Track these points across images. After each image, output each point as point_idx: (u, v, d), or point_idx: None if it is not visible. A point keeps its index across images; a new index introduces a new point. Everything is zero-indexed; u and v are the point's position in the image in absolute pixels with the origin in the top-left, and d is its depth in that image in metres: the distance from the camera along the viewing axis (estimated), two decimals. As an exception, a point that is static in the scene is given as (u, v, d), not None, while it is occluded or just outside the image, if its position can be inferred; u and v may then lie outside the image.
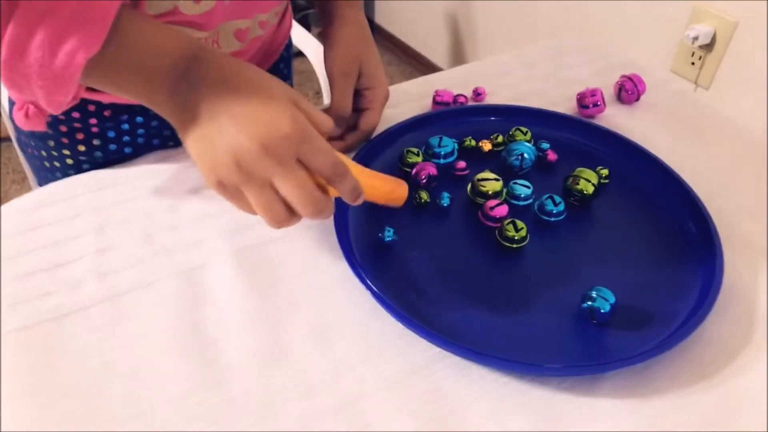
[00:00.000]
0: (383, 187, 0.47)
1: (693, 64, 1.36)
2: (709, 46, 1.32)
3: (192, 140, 0.40)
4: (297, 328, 0.45)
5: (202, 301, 0.47)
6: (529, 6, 1.76)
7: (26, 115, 0.52)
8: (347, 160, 0.45)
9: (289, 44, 0.76)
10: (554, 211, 0.53)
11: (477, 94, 0.69)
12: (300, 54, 1.16)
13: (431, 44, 2.28)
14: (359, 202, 0.44)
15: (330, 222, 0.51)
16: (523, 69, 0.76)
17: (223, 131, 0.38)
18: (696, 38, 1.30)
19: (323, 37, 0.62)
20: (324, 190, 0.42)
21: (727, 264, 0.48)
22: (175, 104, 0.41)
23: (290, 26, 0.73)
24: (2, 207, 0.53)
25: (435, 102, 0.67)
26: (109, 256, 0.50)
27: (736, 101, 1.32)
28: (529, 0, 1.75)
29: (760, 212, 0.56)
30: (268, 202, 0.40)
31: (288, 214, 0.41)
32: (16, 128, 0.64)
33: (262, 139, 0.37)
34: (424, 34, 2.31)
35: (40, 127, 0.52)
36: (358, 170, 0.45)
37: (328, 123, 0.43)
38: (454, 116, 0.64)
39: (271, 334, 0.45)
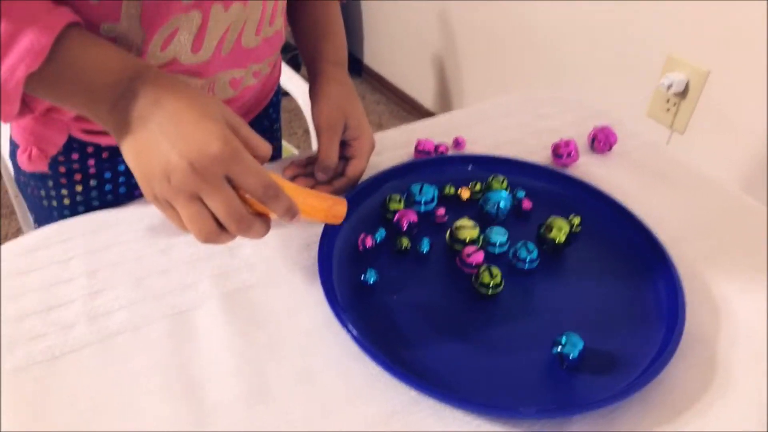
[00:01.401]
0: (321, 205, 0.49)
1: (668, 110, 1.42)
2: (683, 94, 1.37)
3: (129, 154, 0.43)
4: (281, 370, 0.47)
5: (190, 343, 0.49)
6: (511, 53, 1.82)
7: (29, 157, 0.54)
8: (282, 181, 0.46)
9: (278, 89, 0.79)
10: (528, 259, 0.56)
11: (457, 143, 0.72)
12: (288, 93, 1.20)
13: (418, 85, 2.34)
14: (295, 221, 0.46)
15: (314, 266, 0.54)
16: (501, 118, 0.80)
17: (156, 147, 0.41)
18: (670, 86, 1.35)
19: (311, 94, 0.65)
20: (259, 210, 0.44)
21: (689, 310, 0.51)
22: (115, 119, 0.44)
23: (279, 75, 0.77)
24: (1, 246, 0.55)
25: (417, 150, 0.71)
26: (101, 299, 0.51)
27: (709, 145, 1.37)
28: (511, 48, 1.81)
29: (722, 260, 0.59)
30: (194, 216, 0.42)
31: (217, 230, 0.43)
32: (17, 169, 0.66)
33: (190, 158, 0.40)
34: (411, 75, 2.37)
35: (42, 168, 0.55)
36: (293, 190, 0.47)
37: (264, 149, 0.45)
38: (434, 165, 0.68)
39: (256, 376, 0.46)
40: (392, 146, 0.72)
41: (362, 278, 0.53)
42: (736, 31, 1.24)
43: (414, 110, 2.39)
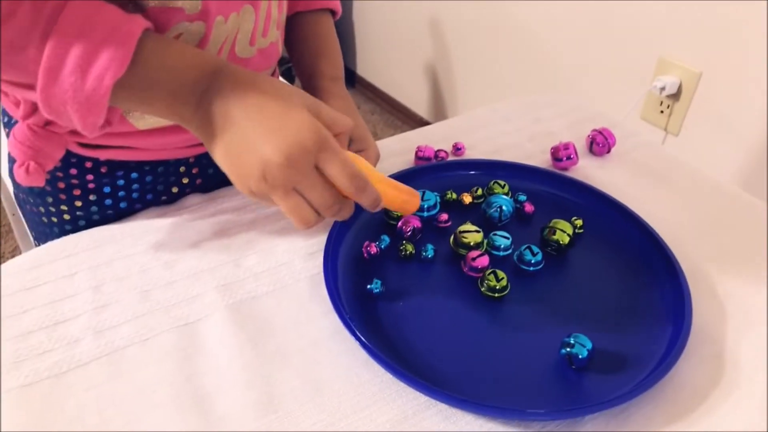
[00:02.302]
0: (398, 197, 0.51)
1: (662, 112, 1.43)
2: (676, 96, 1.39)
3: (220, 154, 0.44)
4: (290, 380, 0.47)
5: (197, 355, 0.48)
6: (504, 59, 1.83)
7: (27, 171, 0.54)
8: (367, 168, 0.48)
9: None
10: (533, 261, 0.56)
11: (457, 148, 0.73)
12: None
13: (412, 93, 2.35)
14: (377, 209, 0.48)
15: (320, 275, 0.54)
16: (499, 123, 0.80)
17: (247, 146, 0.42)
18: (663, 88, 1.37)
19: None
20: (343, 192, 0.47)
21: (695, 308, 0.51)
22: (201, 119, 0.45)
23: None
24: (2, 266, 0.55)
25: (417, 157, 0.71)
26: (107, 313, 0.51)
27: (704, 146, 1.38)
28: (503, 53, 1.82)
29: (724, 258, 0.59)
30: (293, 207, 0.44)
31: (314, 215, 0.45)
32: (16, 185, 0.66)
33: (285, 152, 0.41)
34: (404, 84, 2.38)
35: (39, 182, 0.55)
36: (376, 177, 0.49)
37: (344, 122, 0.46)
38: (435, 171, 0.68)
39: (264, 387, 0.46)
40: (392, 154, 0.73)
41: (368, 287, 0.53)
42: (728, 33, 1.25)
43: (408, 119, 2.40)
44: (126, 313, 0.51)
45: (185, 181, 0.68)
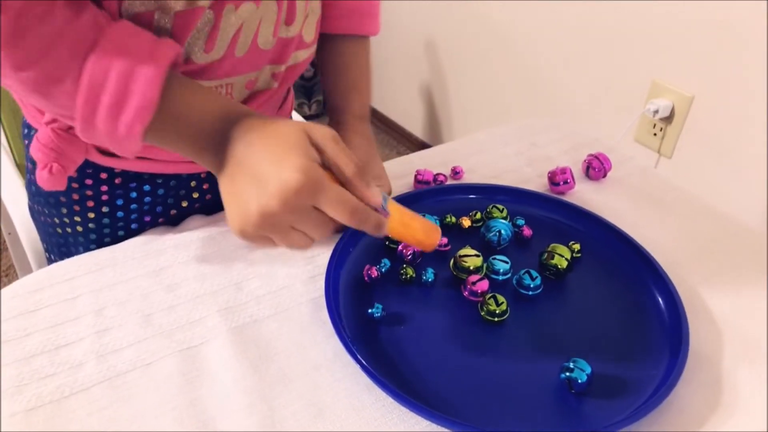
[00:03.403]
0: (418, 234, 0.51)
1: (655, 134, 1.45)
2: (668, 119, 1.41)
3: (225, 194, 0.47)
4: (291, 404, 0.47)
5: (200, 379, 0.49)
6: (499, 81, 1.86)
7: (50, 171, 0.55)
8: (393, 207, 0.50)
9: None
10: (532, 285, 0.57)
11: (455, 172, 0.74)
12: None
13: (407, 114, 2.38)
14: (381, 235, 0.49)
15: (321, 298, 0.54)
16: (497, 147, 0.81)
17: (249, 190, 0.44)
18: (656, 111, 1.39)
19: None
20: None
21: (692, 332, 0.52)
22: (218, 162, 0.48)
23: (290, 111, 0.78)
24: (3, 290, 0.55)
25: (417, 181, 0.72)
26: (109, 336, 0.51)
27: (696, 169, 1.40)
28: (498, 75, 1.85)
29: (720, 282, 0.60)
30: (290, 242, 0.46)
31: (310, 243, 0.47)
32: (32, 197, 0.67)
33: (281, 197, 0.42)
34: (400, 105, 2.40)
35: (61, 186, 0.56)
36: (399, 212, 0.50)
37: (348, 168, 0.46)
38: (435, 194, 0.69)
39: (266, 410, 0.46)
40: (392, 177, 0.73)
41: (369, 311, 0.54)
42: (720, 57, 1.27)
43: (404, 138, 2.42)
44: (128, 338, 0.52)
45: (195, 195, 0.68)
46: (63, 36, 0.43)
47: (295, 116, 1.20)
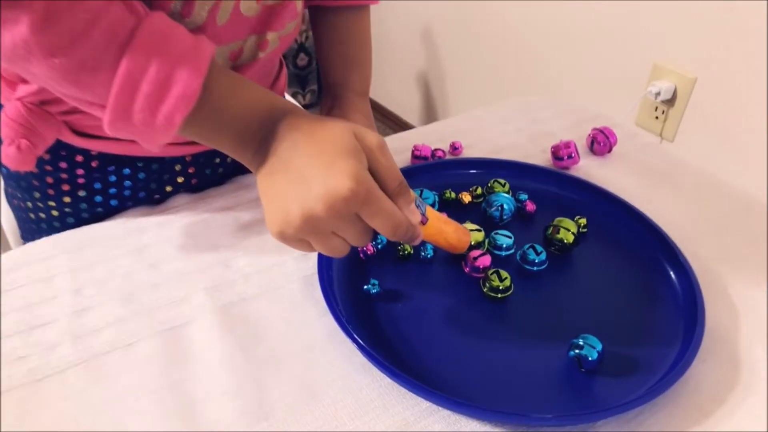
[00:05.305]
0: (451, 239, 0.50)
1: (657, 118, 1.42)
2: (671, 101, 1.38)
3: (265, 194, 0.44)
4: (283, 387, 0.44)
5: (183, 360, 0.45)
6: (498, 67, 1.82)
7: (18, 148, 0.52)
8: (430, 213, 0.48)
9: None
10: (536, 261, 0.54)
11: (454, 148, 0.71)
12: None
13: (404, 103, 2.34)
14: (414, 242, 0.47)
15: (314, 276, 0.51)
16: (497, 124, 0.78)
17: (293, 193, 0.41)
18: (658, 94, 1.35)
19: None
20: None
21: (707, 309, 0.49)
22: (259, 161, 0.44)
23: (284, 88, 0.74)
24: (-25, 269, 0.52)
25: (414, 156, 0.69)
26: (87, 317, 0.48)
27: (700, 153, 1.37)
28: (497, 59, 1.82)
29: (732, 257, 0.57)
30: (328, 248, 0.43)
31: (348, 249, 0.44)
32: (5, 179, 0.63)
33: (327, 202, 0.39)
34: (396, 94, 2.37)
35: (30, 165, 0.52)
36: (436, 219, 0.49)
37: (392, 181, 0.43)
38: (433, 169, 0.65)
39: (255, 394, 0.43)
40: (388, 153, 0.70)
41: (365, 287, 0.50)
42: (723, 38, 1.24)
43: (399, 128, 2.38)
44: (107, 318, 0.48)
45: (180, 180, 0.65)
46: (98, 21, 0.39)
47: (289, 98, 1.17)
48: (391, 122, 2.43)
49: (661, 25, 1.34)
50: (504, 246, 0.55)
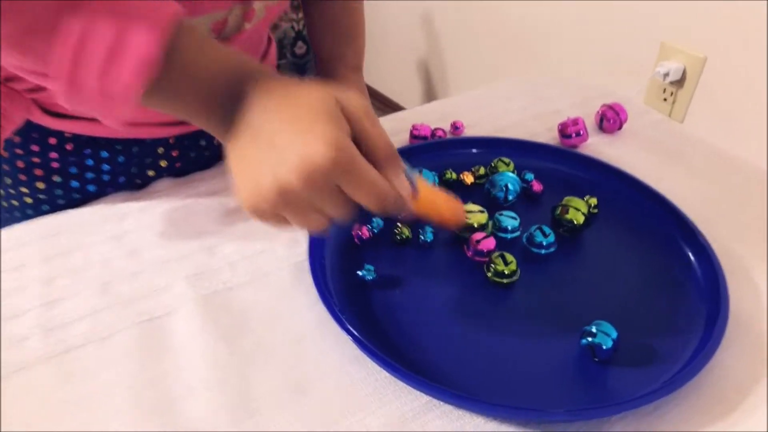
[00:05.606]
0: (444, 212, 0.46)
1: (665, 100, 1.37)
2: (680, 82, 1.33)
3: (234, 165, 0.39)
4: (270, 381, 0.40)
5: (163, 353, 0.42)
6: (501, 51, 1.78)
7: None
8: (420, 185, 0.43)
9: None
10: (544, 243, 0.50)
11: (455, 127, 0.67)
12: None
13: (404, 91, 2.30)
14: (403, 215, 0.42)
15: (305, 262, 0.47)
16: (500, 102, 0.74)
17: (265, 163, 0.36)
18: (667, 74, 1.31)
19: None
20: None
21: (729, 293, 0.45)
22: (227, 128, 0.40)
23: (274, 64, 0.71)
24: (-59, 259, 0.49)
25: (412, 136, 0.65)
26: (59, 308, 0.45)
27: (709, 134, 1.33)
28: (500, 45, 1.77)
29: (754, 238, 0.53)
30: (305, 222, 0.39)
31: (327, 223, 0.40)
32: None
33: (303, 173, 0.35)
34: (396, 81, 2.33)
35: None
36: (428, 191, 0.44)
37: (383, 149, 0.39)
38: (433, 149, 0.62)
39: (240, 387, 0.40)
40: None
41: (359, 273, 0.47)
42: (733, 15, 1.20)
43: (401, 117, 2.34)
44: (81, 309, 0.45)
45: (163, 164, 0.61)
46: None
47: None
48: (390, 110, 2.39)
49: (669, 3, 1.30)
50: (509, 228, 0.51)
